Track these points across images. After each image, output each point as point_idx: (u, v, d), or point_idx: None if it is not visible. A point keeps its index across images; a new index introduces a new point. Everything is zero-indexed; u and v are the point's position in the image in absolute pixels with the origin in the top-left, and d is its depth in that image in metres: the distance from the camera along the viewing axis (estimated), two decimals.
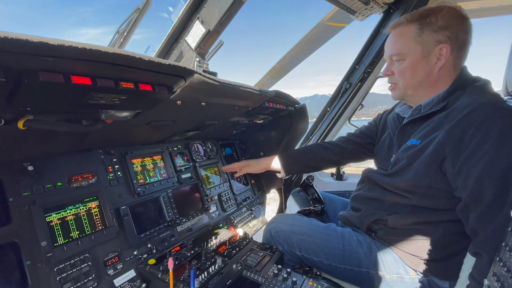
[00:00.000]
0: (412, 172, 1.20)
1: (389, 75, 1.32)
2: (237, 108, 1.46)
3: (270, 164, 1.97)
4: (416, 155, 1.19)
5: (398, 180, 1.28)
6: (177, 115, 1.28)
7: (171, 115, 1.25)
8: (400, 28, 1.21)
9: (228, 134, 2.24)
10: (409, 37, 1.17)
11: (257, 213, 2.33)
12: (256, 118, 1.99)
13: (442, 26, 1.12)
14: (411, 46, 1.18)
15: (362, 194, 1.58)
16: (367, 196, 1.51)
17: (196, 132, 1.78)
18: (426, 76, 1.21)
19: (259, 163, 1.99)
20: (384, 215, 1.36)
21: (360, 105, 2.58)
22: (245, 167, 2.04)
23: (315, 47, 3.74)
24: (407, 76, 1.24)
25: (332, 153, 1.89)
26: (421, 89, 1.26)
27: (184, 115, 1.30)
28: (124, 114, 0.99)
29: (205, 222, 1.82)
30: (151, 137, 1.56)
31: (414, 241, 1.28)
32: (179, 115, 1.29)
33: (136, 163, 1.55)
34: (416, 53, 1.18)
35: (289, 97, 1.80)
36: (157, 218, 1.52)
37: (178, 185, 1.74)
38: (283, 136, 2.34)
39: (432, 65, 1.18)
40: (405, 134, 1.36)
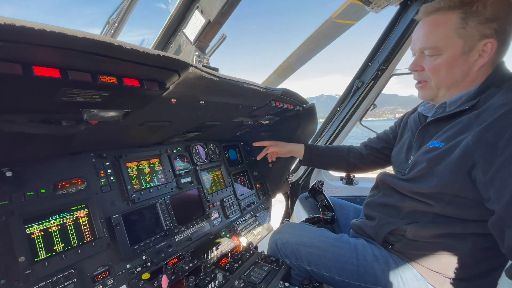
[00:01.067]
0: (436, 178, 1.06)
1: (417, 71, 1.16)
2: (240, 108, 1.32)
3: (295, 150, 1.94)
4: (439, 158, 1.04)
5: (419, 186, 1.14)
6: (173, 115, 1.15)
7: (167, 115, 1.13)
8: (438, 16, 1.02)
9: (232, 135, 2.11)
10: (450, 28, 0.99)
11: (262, 220, 2.20)
12: (262, 118, 1.85)
13: (490, 17, 0.94)
14: (450, 39, 1.00)
15: (376, 200, 1.44)
16: (382, 202, 1.37)
17: (197, 134, 1.66)
18: (463, 75, 1.05)
19: (285, 146, 1.96)
20: (402, 224, 1.23)
21: (372, 104, 2.42)
22: (273, 146, 2.00)
23: (322, 45, 3.59)
24: (442, 74, 1.07)
25: (353, 156, 1.79)
26: (455, 88, 1.10)
27: (181, 115, 1.18)
28: (111, 114, 0.87)
29: (206, 230, 1.70)
30: (148, 139, 1.44)
31: (437, 256, 1.14)
32: (176, 115, 1.16)
33: (131, 167, 1.43)
34: (455, 48, 1.00)
35: (297, 96, 1.66)
36: (153, 227, 1.40)
37: (177, 191, 1.62)
38: (290, 137, 2.20)
39: (471, 63, 1.02)
40: (426, 135, 1.22)
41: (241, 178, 2.25)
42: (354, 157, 1.79)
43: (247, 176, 2.31)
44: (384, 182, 1.40)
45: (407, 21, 1.87)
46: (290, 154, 1.98)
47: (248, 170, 2.33)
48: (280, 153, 2.02)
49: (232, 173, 2.13)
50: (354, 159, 1.78)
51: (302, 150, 1.92)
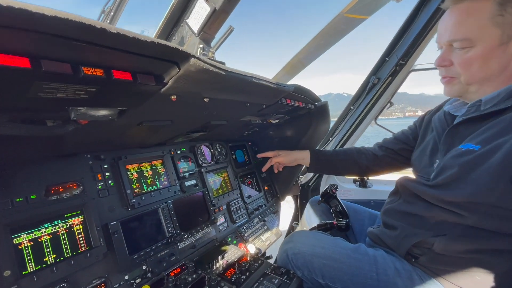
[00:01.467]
0: (470, 185, 0.93)
1: (445, 66, 1.02)
2: (249, 106, 1.21)
3: (300, 157, 1.86)
4: (474, 163, 0.92)
5: (449, 194, 1.02)
6: (175, 114, 1.05)
7: (168, 114, 1.02)
8: (470, 2, 0.90)
9: (239, 135, 1.99)
10: (484, 16, 0.87)
11: (271, 224, 2.08)
12: (271, 117, 1.73)
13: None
14: (485, 29, 0.88)
15: (396, 207, 1.32)
16: (404, 210, 1.25)
17: (202, 134, 1.55)
18: (500, 69, 0.92)
19: (290, 154, 1.89)
20: (428, 237, 1.11)
21: (389, 102, 2.26)
22: (277, 156, 1.93)
23: (332, 41, 3.44)
24: (474, 69, 0.94)
25: (365, 158, 1.66)
26: (490, 84, 0.96)
27: (184, 114, 1.07)
28: (103, 113, 0.77)
29: (212, 236, 1.59)
30: (149, 139, 1.34)
31: (470, 273, 1.01)
32: (178, 114, 1.05)
33: (131, 169, 1.34)
34: (491, 39, 0.88)
35: (309, 93, 1.53)
36: (154, 235, 1.30)
37: (180, 194, 1.52)
38: (300, 137, 2.07)
39: (510, 55, 0.89)
40: (456, 137, 1.09)
41: (249, 180, 2.14)
42: (366, 159, 1.66)
43: (255, 178, 2.20)
44: (405, 187, 1.27)
45: (431, 10, 1.71)
46: (296, 163, 1.90)
47: (256, 172, 2.21)
48: (284, 163, 1.94)
49: (239, 175, 2.02)
50: (367, 161, 1.66)
51: (308, 157, 1.82)
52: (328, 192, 1.71)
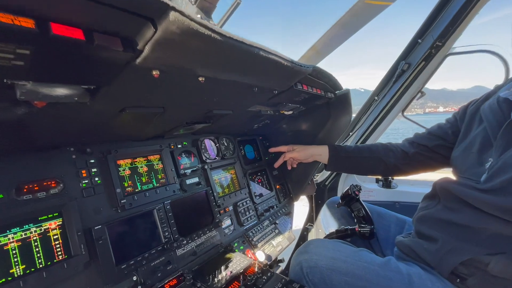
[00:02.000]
0: None
1: None
2: (257, 91, 1.00)
3: (317, 153, 1.62)
4: None
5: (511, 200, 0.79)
6: (166, 98, 0.86)
7: (157, 98, 0.83)
8: None
9: (248, 128, 1.79)
10: None
11: (283, 227, 1.88)
12: (284, 107, 1.51)
13: None
14: None
15: (435, 214, 1.10)
16: (446, 218, 1.03)
17: (205, 125, 1.36)
18: None
19: (306, 149, 1.66)
20: (482, 254, 0.89)
21: (419, 92, 1.97)
22: (291, 152, 1.70)
23: (352, 30, 3.16)
24: None
25: (393, 155, 1.42)
26: None
27: (177, 99, 0.88)
28: (63, 92, 0.59)
29: (215, 241, 1.41)
30: (144, 131, 1.17)
31: None
32: (169, 99, 0.87)
33: (123, 165, 1.17)
34: None
35: (330, 77, 1.30)
36: (148, 240, 1.13)
37: (180, 194, 1.35)
38: (317, 132, 1.85)
39: None
40: None
41: (259, 178, 1.94)
42: (394, 157, 1.42)
43: (266, 175, 2.00)
44: (447, 191, 1.04)
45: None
46: (312, 159, 1.66)
47: (267, 169, 2.01)
48: (299, 158, 1.71)
49: (248, 172, 1.83)
50: (395, 160, 1.42)
51: (326, 153, 1.59)
52: (350, 194, 1.48)
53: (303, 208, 2.79)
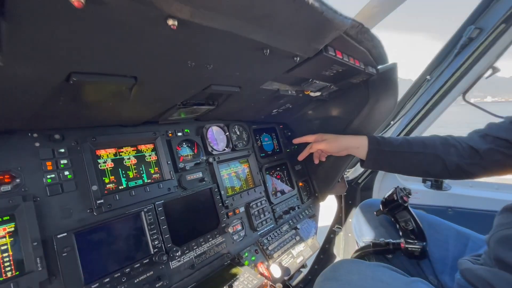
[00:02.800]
0: None
1: None
2: (269, 55, 0.69)
3: (353, 145, 1.29)
4: None
5: None
6: (133, 61, 0.59)
7: (115, 58, 0.56)
8: None
9: (265, 113, 1.49)
10: None
11: (305, 233, 1.58)
12: (310, 86, 1.19)
13: None
14: None
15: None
16: None
17: (210, 108, 1.09)
18: None
19: (339, 140, 1.34)
20: None
21: (491, 68, 1.50)
22: (319, 142, 1.38)
23: None
24: None
25: (455, 152, 1.04)
26: None
27: (150, 62, 0.61)
28: None
29: (221, 250, 1.16)
30: (125, 114, 0.92)
31: None
32: (138, 61, 0.59)
33: (104, 156, 0.95)
34: None
35: (376, 42, 0.94)
36: (131, 251, 0.91)
37: (178, 192, 1.10)
38: (351, 119, 1.49)
39: None
40: None
41: (278, 173, 1.64)
42: (457, 154, 1.05)
43: (286, 171, 1.70)
44: None
45: None
46: (346, 152, 1.32)
47: (288, 163, 1.70)
48: (329, 151, 1.37)
49: (265, 166, 1.54)
50: (458, 158, 1.04)
51: (364, 146, 1.24)
52: (396, 200, 1.13)
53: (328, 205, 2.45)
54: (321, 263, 2.37)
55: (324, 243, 2.37)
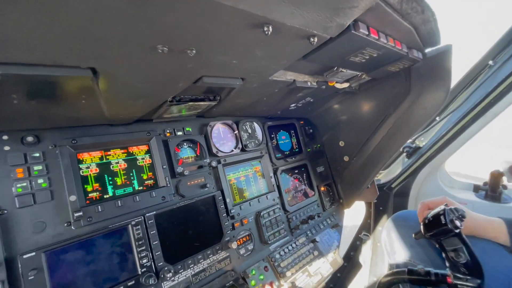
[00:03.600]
0: None
1: None
2: (271, 34, 0.49)
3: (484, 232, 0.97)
4: None
5: None
6: (83, 45, 0.42)
7: (53, 40, 0.40)
8: None
9: (282, 108, 1.28)
10: None
11: (325, 246, 1.37)
12: (335, 76, 0.95)
13: None
14: None
15: None
16: None
17: (210, 104, 0.92)
18: None
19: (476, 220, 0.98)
20: None
21: None
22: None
23: None
24: None
25: None
26: None
27: (108, 47, 0.44)
28: None
29: (224, 268, 1.01)
30: (114, 112, 0.78)
31: None
32: (89, 44, 0.43)
33: (87, 160, 0.83)
34: None
35: (428, 14, 0.68)
36: (114, 271, 0.79)
37: (175, 201, 0.96)
38: (386, 114, 1.23)
39: None
40: None
41: (296, 177, 1.44)
42: None
43: (306, 173, 1.49)
44: None
45: None
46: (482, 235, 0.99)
47: (308, 165, 1.49)
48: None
49: (280, 169, 1.34)
50: None
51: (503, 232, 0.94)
52: (444, 224, 0.87)
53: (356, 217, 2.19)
54: (345, 271, 2.15)
55: (348, 250, 2.14)
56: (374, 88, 1.21)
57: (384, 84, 1.17)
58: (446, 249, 0.90)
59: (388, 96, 1.20)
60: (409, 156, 1.69)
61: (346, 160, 1.53)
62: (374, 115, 1.30)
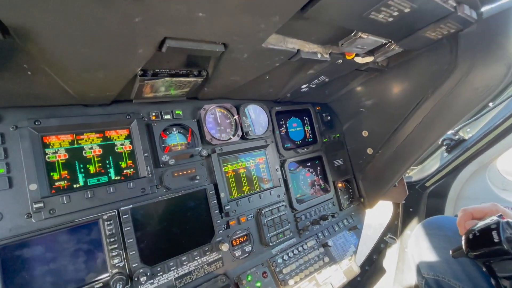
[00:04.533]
0: None
1: None
2: None
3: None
4: None
5: None
6: None
7: None
8: None
9: (291, 89, 1.08)
10: None
11: (339, 252, 1.18)
12: (352, 44, 0.74)
13: None
14: None
15: None
16: None
17: (197, 80, 0.77)
18: None
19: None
20: None
21: None
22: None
23: None
24: None
25: None
26: None
27: None
28: None
29: (214, 271, 0.88)
30: (82, 88, 0.67)
31: None
32: None
33: (54, 144, 0.73)
34: None
35: None
36: (80, 271, 0.69)
37: (158, 193, 0.84)
38: (422, 98, 0.98)
39: None
40: None
41: (308, 171, 1.25)
42: None
43: (321, 167, 1.29)
44: None
45: None
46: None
47: (323, 157, 1.29)
48: None
49: (289, 161, 1.17)
50: None
51: None
52: (497, 242, 0.64)
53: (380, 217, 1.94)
54: (366, 275, 1.94)
55: (371, 252, 1.91)
56: (408, 63, 0.96)
57: (421, 58, 0.92)
58: (498, 276, 0.67)
59: (425, 74, 0.95)
60: (449, 150, 1.40)
61: (370, 153, 1.30)
62: (406, 99, 1.06)
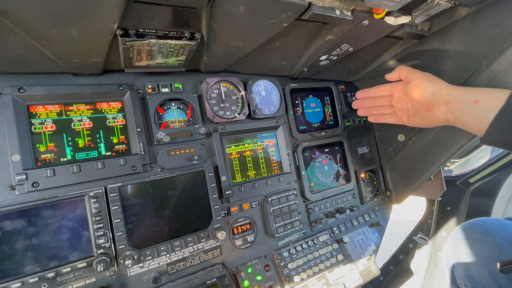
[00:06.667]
0: None
1: None
2: None
3: (455, 98, 0.68)
4: None
5: None
6: None
7: None
8: None
9: (307, 62, 0.93)
10: None
11: (357, 250, 1.04)
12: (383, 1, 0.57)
13: None
14: None
15: None
16: None
17: (191, 44, 0.66)
18: None
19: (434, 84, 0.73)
20: None
21: None
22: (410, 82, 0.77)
23: None
24: None
25: None
26: None
27: None
28: None
29: (211, 260, 0.81)
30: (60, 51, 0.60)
31: None
32: None
33: (41, 114, 0.68)
34: None
35: None
36: (63, 248, 0.65)
37: (152, 173, 0.78)
38: (471, 72, 0.78)
39: None
40: None
41: (325, 157, 1.11)
42: None
43: (342, 153, 1.14)
44: None
45: None
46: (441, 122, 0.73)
47: (345, 143, 1.13)
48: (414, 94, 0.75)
49: (302, 145, 1.03)
50: None
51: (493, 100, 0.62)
52: None
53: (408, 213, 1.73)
54: (390, 276, 1.77)
55: (398, 252, 1.73)
56: (456, 26, 0.76)
57: (476, 18, 0.71)
58: None
59: (480, 41, 0.74)
60: None
61: (401, 140, 1.12)
62: (452, 73, 0.85)
